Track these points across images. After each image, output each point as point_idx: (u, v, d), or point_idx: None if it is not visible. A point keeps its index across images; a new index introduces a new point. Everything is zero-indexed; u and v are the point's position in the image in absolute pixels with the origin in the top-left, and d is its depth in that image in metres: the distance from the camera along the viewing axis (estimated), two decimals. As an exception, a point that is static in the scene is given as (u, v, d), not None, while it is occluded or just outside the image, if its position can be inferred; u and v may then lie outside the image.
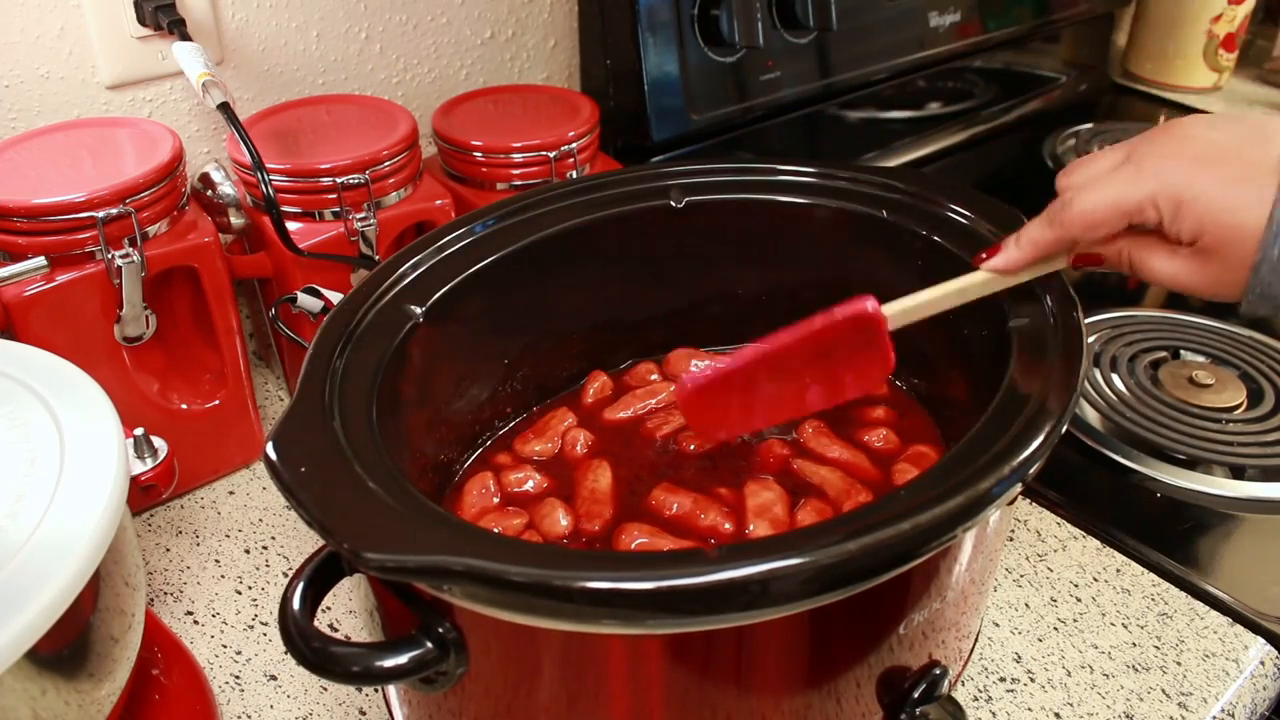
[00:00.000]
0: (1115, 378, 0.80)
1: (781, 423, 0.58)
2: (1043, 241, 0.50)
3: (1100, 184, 0.48)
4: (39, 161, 0.63)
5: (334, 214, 0.69)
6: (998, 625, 0.61)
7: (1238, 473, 0.71)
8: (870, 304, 0.50)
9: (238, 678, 0.58)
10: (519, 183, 0.76)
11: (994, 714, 0.55)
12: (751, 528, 0.54)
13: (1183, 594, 0.62)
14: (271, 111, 0.75)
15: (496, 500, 0.57)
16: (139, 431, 0.53)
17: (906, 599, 0.43)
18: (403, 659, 0.39)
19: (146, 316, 0.65)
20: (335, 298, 0.63)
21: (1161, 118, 1.33)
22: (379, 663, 0.38)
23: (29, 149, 0.64)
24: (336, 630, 0.61)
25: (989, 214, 0.58)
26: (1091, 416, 0.76)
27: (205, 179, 0.70)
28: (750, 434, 0.59)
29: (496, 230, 0.59)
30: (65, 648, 0.40)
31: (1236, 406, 0.77)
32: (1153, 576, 0.64)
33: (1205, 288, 0.47)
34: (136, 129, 0.67)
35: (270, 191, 0.63)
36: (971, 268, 0.53)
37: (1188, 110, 1.34)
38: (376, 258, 0.71)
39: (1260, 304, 0.46)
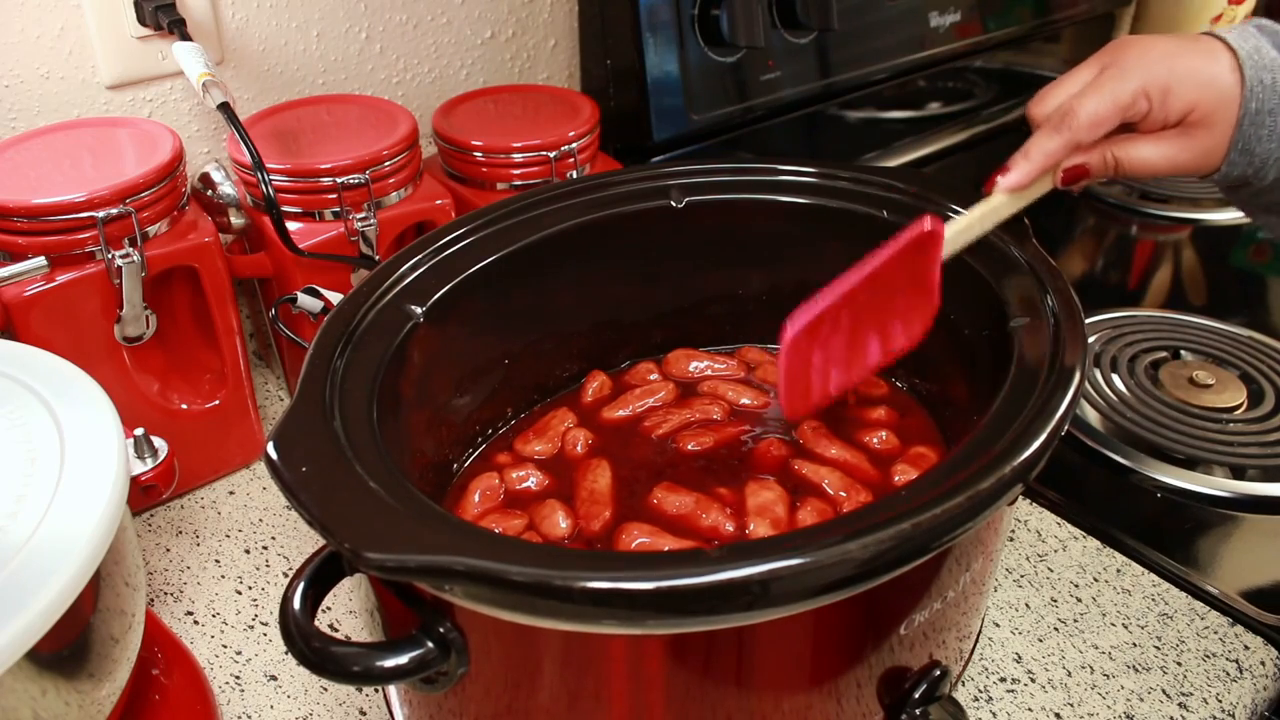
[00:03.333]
0: (1115, 378, 0.80)
1: (850, 386, 0.58)
2: (1053, 149, 0.54)
3: (1094, 90, 0.53)
4: (39, 161, 0.63)
5: (334, 214, 0.69)
6: (998, 625, 0.61)
7: (1238, 473, 0.71)
8: (929, 220, 0.52)
9: (238, 678, 0.58)
10: (519, 183, 0.76)
11: (994, 714, 0.55)
12: (752, 527, 0.54)
13: (1183, 594, 0.62)
14: (271, 111, 0.75)
15: (498, 500, 0.57)
16: (139, 431, 0.53)
17: (907, 599, 0.43)
18: (403, 659, 0.38)
19: (146, 316, 0.65)
20: (335, 298, 0.63)
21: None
22: (379, 663, 0.38)
23: (29, 149, 0.64)
24: (337, 630, 0.61)
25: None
26: (1091, 416, 0.76)
27: (205, 179, 0.70)
28: (825, 405, 0.58)
29: (496, 230, 0.59)
30: (65, 648, 0.40)
31: (1236, 407, 0.77)
32: (1153, 577, 0.64)
33: (1191, 161, 0.54)
34: (136, 129, 0.67)
35: (270, 191, 0.63)
36: (984, 195, 0.56)
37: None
38: (376, 258, 0.71)
39: (1239, 161, 0.54)
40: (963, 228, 0.55)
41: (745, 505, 0.55)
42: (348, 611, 0.62)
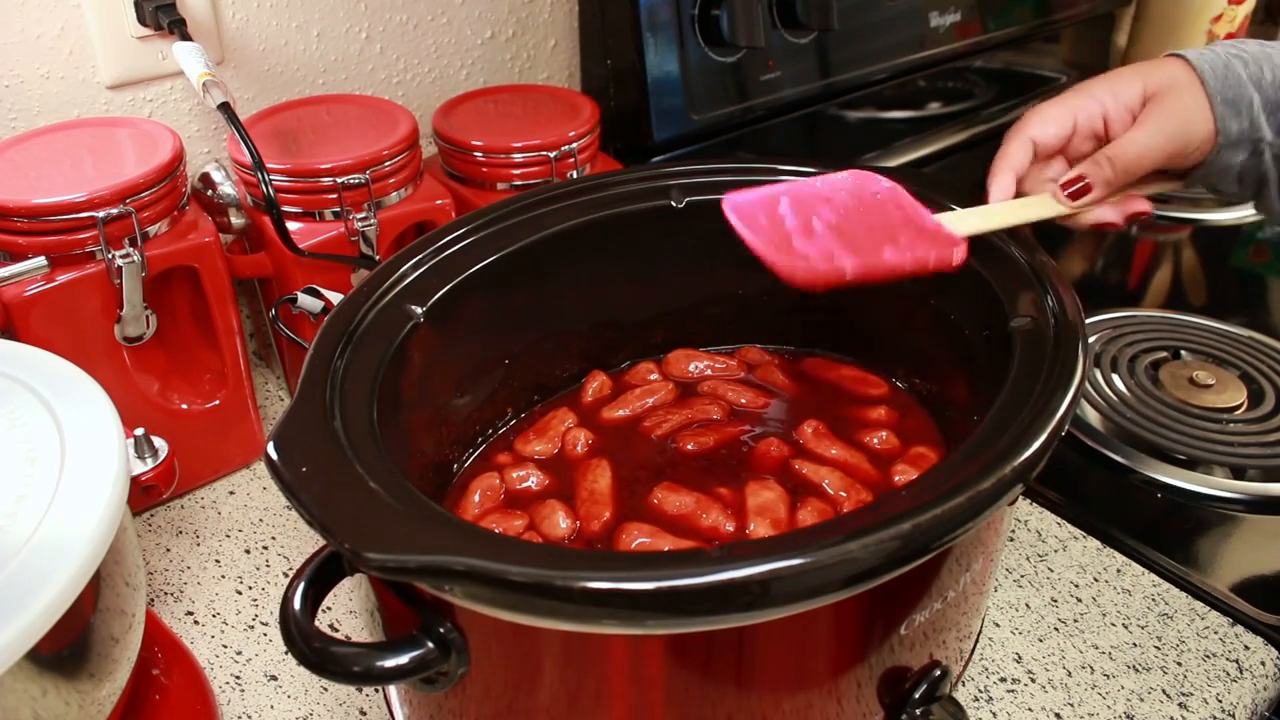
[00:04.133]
0: (1115, 378, 0.80)
1: (868, 274, 0.53)
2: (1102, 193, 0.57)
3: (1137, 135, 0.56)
4: (39, 161, 0.63)
5: (334, 214, 0.69)
6: (998, 625, 0.61)
7: (1238, 473, 0.71)
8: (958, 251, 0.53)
9: (238, 678, 0.58)
10: (519, 183, 0.76)
11: (994, 714, 0.55)
12: (752, 527, 0.54)
13: (1183, 594, 0.62)
14: (272, 111, 0.75)
15: (498, 500, 0.57)
16: (139, 431, 0.53)
17: (907, 599, 0.43)
18: (403, 659, 0.38)
19: (147, 316, 0.65)
20: (335, 298, 0.63)
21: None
22: (380, 663, 0.38)
23: (29, 149, 0.64)
24: (337, 630, 0.61)
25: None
26: (1091, 416, 0.76)
27: (205, 179, 0.70)
28: (840, 282, 0.53)
29: (496, 230, 0.59)
30: (66, 648, 0.40)
31: (1237, 407, 0.77)
32: (1153, 577, 0.64)
33: (1179, 129, 0.55)
34: (137, 129, 0.67)
35: (270, 191, 0.63)
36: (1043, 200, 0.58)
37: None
38: (376, 258, 0.71)
39: (1227, 112, 0.55)
40: (996, 213, 0.57)
41: (745, 505, 0.55)
42: (348, 611, 0.62)
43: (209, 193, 0.70)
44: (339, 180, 0.68)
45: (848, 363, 0.66)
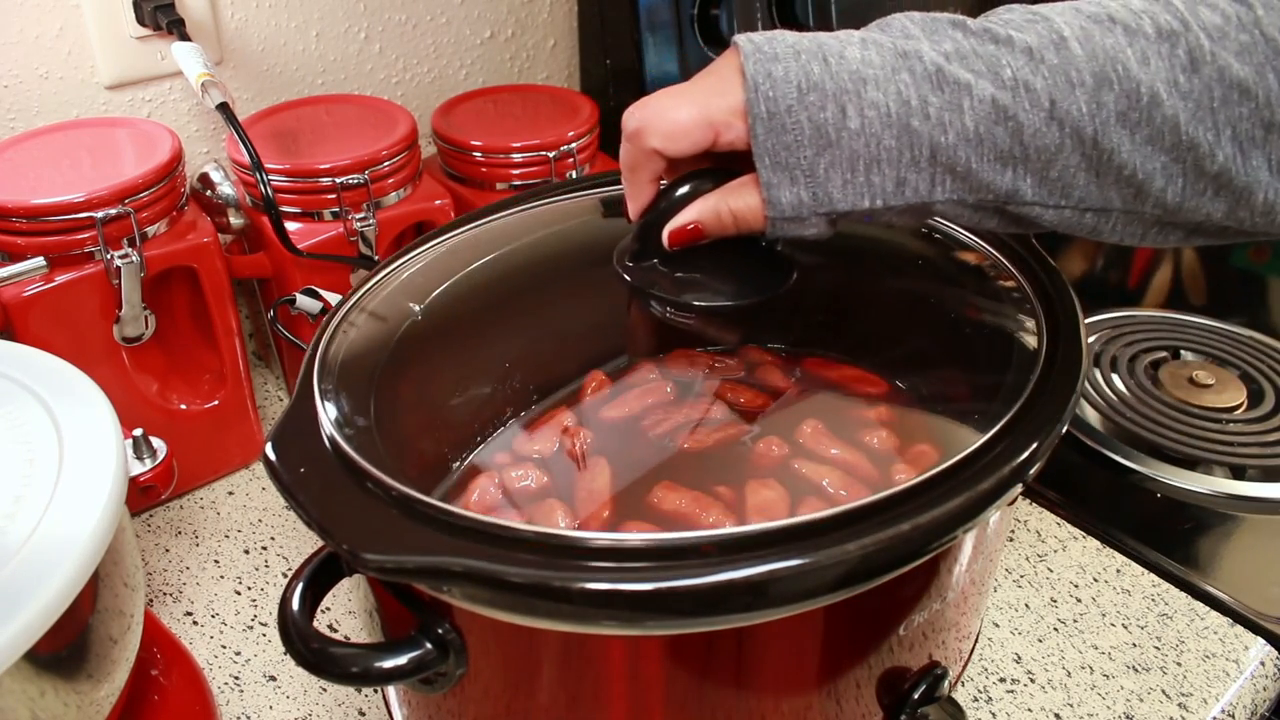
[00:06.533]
0: (1115, 378, 0.80)
1: None
2: None
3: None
4: (38, 161, 0.63)
5: (333, 214, 0.69)
6: (998, 626, 0.61)
7: (1238, 473, 0.71)
8: None
9: (237, 678, 0.58)
10: (519, 183, 0.76)
11: (994, 714, 0.55)
12: (751, 528, 0.53)
13: (1183, 594, 0.62)
14: (271, 111, 0.75)
15: (496, 501, 0.57)
16: (138, 432, 0.53)
17: (906, 600, 0.43)
18: (402, 660, 0.38)
19: (146, 317, 0.65)
20: (334, 299, 0.63)
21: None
22: (378, 664, 0.38)
23: (28, 149, 0.64)
24: (336, 631, 0.61)
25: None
26: (1091, 416, 0.76)
27: (204, 179, 0.70)
28: None
29: (496, 230, 0.59)
30: (64, 649, 0.40)
31: (1236, 406, 0.77)
32: (1153, 577, 0.64)
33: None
34: (135, 129, 0.67)
35: (269, 192, 0.63)
36: None
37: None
38: (375, 258, 0.71)
39: (780, 179, 0.45)
40: None
41: (745, 505, 0.55)
42: (347, 612, 0.62)
43: (208, 193, 0.70)
44: (338, 180, 0.68)
45: (847, 362, 0.66)
